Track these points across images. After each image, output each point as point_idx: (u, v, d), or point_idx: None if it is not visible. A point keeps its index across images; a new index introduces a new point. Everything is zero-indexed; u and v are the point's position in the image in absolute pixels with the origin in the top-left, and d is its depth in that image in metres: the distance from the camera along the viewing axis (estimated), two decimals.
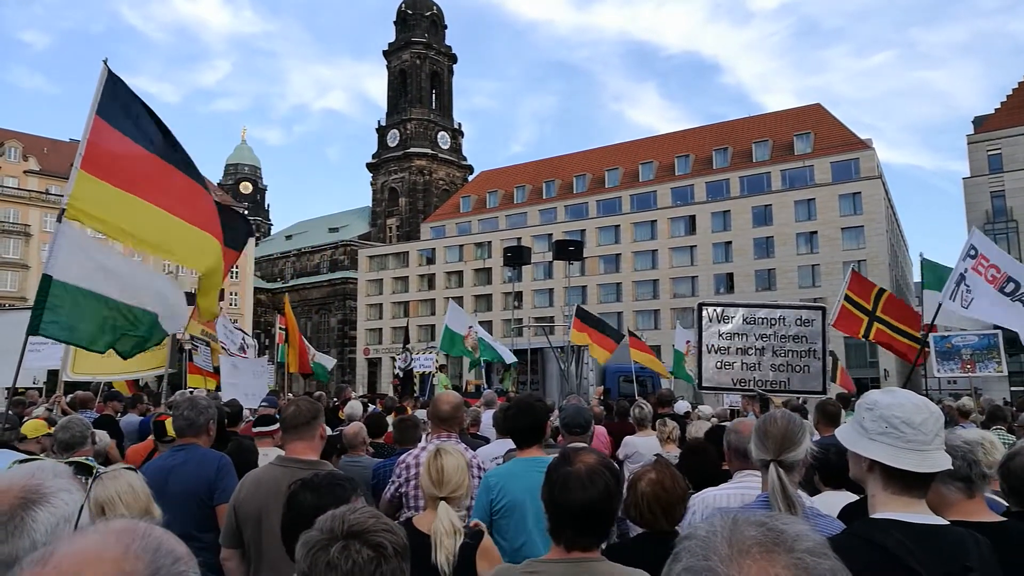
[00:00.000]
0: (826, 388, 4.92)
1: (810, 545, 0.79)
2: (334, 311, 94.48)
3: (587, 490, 2.07)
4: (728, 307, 5.00)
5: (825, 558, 0.78)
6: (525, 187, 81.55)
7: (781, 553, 0.77)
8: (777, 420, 2.63)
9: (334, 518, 1.45)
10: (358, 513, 1.47)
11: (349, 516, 1.45)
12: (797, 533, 0.80)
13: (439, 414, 4.21)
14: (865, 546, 1.81)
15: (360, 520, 1.44)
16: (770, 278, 61.88)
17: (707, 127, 78.84)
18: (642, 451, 6.62)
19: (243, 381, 10.23)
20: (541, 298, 72.23)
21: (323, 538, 1.42)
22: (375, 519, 1.47)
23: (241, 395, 8.86)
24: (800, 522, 0.85)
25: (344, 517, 1.45)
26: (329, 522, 1.45)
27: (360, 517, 1.45)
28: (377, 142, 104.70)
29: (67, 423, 4.39)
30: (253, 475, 3.60)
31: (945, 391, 39.60)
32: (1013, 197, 56.13)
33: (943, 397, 20.72)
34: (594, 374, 20.18)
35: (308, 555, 1.42)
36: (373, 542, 1.41)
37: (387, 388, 52.21)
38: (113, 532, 0.89)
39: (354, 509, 1.50)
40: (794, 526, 0.82)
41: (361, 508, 1.52)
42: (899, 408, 1.93)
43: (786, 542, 0.78)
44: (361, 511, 1.49)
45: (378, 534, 1.43)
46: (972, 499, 2.34)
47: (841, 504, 3.04)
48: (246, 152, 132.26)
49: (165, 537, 0.92)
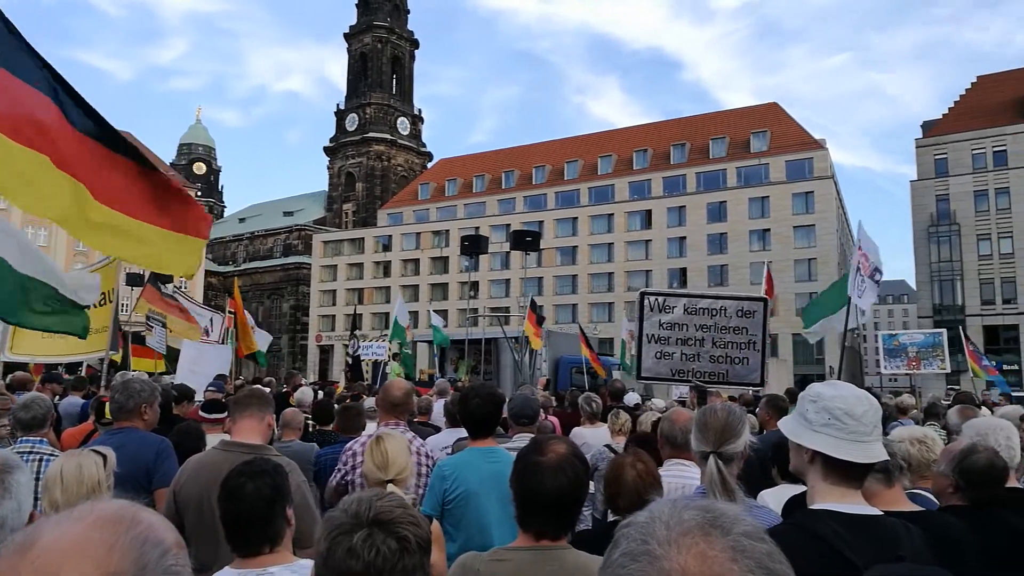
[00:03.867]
0: (764, 380, 4.96)
1: (747, 528, 0.79)
2: (287, 296, 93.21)
3: (557, 479, 2.07)
4: (670, 297, 4.98)
5: (761, 541, 0.79)
6: (484, 176, 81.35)
7: (718, 536, 0.77)
8: (717, 412, 2.66)
9: (360, 502, 1.40)
10: (385, 500, 1.42)
11: (376, 503, 1.40)
12: (735, 517, 0.81)
13: (390, 400, 4.17)
14: (803, 536, 1.84)
15: (388, 508, 1.40)
16: (723, 274, 62.88)
17: (666, 122, 79.60)
18: (591, 442, 6.66)
19: (202, 369, 10.03)
20: (498, 288, 72.28)
21: (347, 522, 1.37)
22: (403, 509, 1.42)
23: (197, 384, 8.65)
24: (738, 508, 0.85)
25: (372, 503, 1.40)
26: (355, 506, 1.40)
27: (388, 505, 1.41)
28: (335, 126, 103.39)
29: (28, 402, 4.24)
30: (195, 459, 3.52)
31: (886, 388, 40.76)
32: (957, 201, 57.93)
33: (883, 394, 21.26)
34: (547, 365, 20.28)
35: (329, 536, 1.37)
36: (399, 534, 1.37)
37: (339, 375, 51.70)
38: (99, 522, 0.82)
39: (381, 495, 1.45)
40: (732, 510, 0.83)
41: (388, 495, 1.46)
42: (842, 400, 1.96)
43: (724, 525, 0.79)
44: (389, 498, 1.44)
45: (404, 526, 1.38)
46: (891, 489, 2.42)
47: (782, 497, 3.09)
48: (200, 132, 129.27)
49: (154, 525, 0.86)
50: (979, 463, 2.77)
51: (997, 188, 56.94)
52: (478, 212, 78.14)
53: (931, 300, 58.61)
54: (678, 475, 3.38)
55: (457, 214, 79.59)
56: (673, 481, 3.32)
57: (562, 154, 78.89)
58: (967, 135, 58.35)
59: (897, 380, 21.76)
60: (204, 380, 9.13)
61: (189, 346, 10.94)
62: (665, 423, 3.59)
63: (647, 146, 73.11)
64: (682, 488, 3.24)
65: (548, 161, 78.52)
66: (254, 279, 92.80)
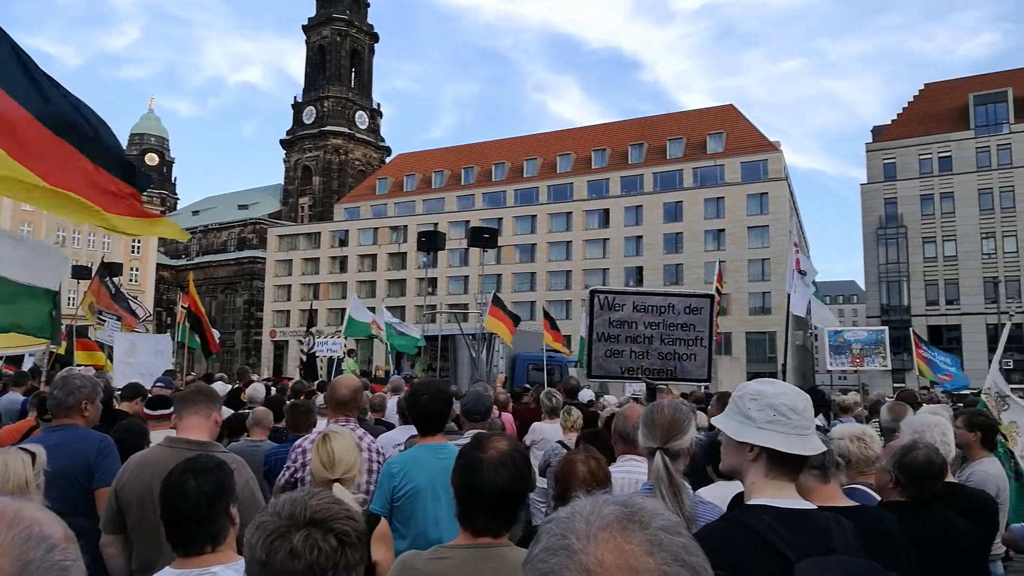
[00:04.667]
0: (711, 376, 5.05)
1: (665, 523, 0.80)
2: (240, 291, 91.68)
3: (498, 475, 2.06)
4: (619, 295, 5.01)
5: (678, 535, 0.79)
6: (443, 172, 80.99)
7: (636, 529, 0.78)
8: (664, 409, 2.69)
9: (294, 503, 1.38)
10: (318, 499, 1.40)
11: (310, 502, 1.38)
12: (654, 511, 0.82)
13: (338, 398, 4.13)
14: (740, 531, 1.87)
15: (323, 506, 1.38)
16: (678, 273, 63.63)
17: (624, 122, 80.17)
18: (548, 437, 6.74)
19: (140, 360, 9.77)
20: (456, 285, 72.07)
21: (283, 524, 1.34)
22: (337, 506, 1.41)
23: (137, 376, 8.45)
24: (658, 503, 0.87)
25: (306, 503, 1.37)
26: (289, 507, 1.37)
27: (322, 503, 1.39)
28: (292, 118, 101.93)
29: None
30: (137, 457, 3.45)
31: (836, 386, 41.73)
32: (904, 204, 59.57)
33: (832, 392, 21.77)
34: (504, 362, 20.28)
35: (266, 542, 1.33)
36: (338, 530, 1.35)
37: (294, 371, 51.06)
38: None
39: (313, 494, 1.42)
40: (651, 505, 0.84)
41: (321, 493, 1.45)
42: (784, 396, 2.00)
43: (642, 519, 0.80)
44: (321, 496, 1.42)
45: (342, 522, 1.37)
46: (828, 484, 2.48)
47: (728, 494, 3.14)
48: (153, 122, 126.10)
49: (38, 521, 0.83)
50: (918, 459, 2.86)
51: (942, 192, 58.70)
52: (437, 208, 77.77)
53: (879, 300, 60.19)
54: (630, 470, 3.40)
55: (415, 210, 79.10)
56: (625, 476, 3.34)
57: (521, 152, 78.93)
58: (914, 141, 60.04)
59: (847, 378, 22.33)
60: (142, 371, 8.93)
61: (121, 339, 10.66)
62: (619, 419, 3.62)
63: (606, 145, 73.57)
64: (634, 483, 3.26)
65: (507, 158, 78.50)
66: (207, 273, 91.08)
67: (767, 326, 57.37)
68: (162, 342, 11.63)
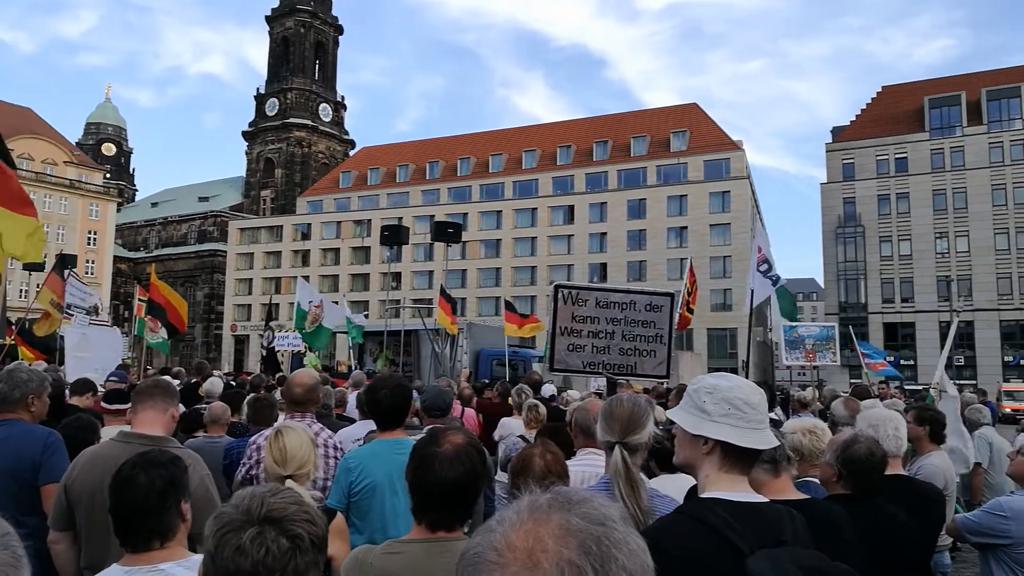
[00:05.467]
0: (669, 373, 5.13)
1: (590, 511, 0.81)
2: (201, 284, 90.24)
3: (453, 469, 2.05)
4: (583, 290, 5.07)
5: (600, 526, 0.79)
6: (408, 166, 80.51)
7: (556, 516, 0.80)
8: (623, 403, 2.70)
9: (253, 498, 1.34)
10: (279, 497, 1.36)
11: (269, 499, 1.34)
12: (582, 499, 0.82)
13: (292, 396, 4.09)
14: (693, 524, 1.89)
15: (281, 505, 1.33)
16: (641, 269, 64.18)
17: (589, 119, 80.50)
18: (516, 432, 6.79)
19: (94, 354, 9.55)
20: (421, 280, 71.78)
21: (238, 518, 1.30)
22: (297, 506, 1.36)
23: (90, 370, 8.26)
24: (597, 495, 0.87)
25: (264, 500, 1.33)
26: (247, 502, 1.33)
27: (281, 502, 1.34)
28: (255, 110, 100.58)
29: None
30: (89, 452, 3.36)
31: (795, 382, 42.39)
32: (862, 204, 60.84)
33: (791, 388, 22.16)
34: (468, 357, 20.27)
35: (217, 534, 1.30)
36: (292, 532, 1.31)
37: (255, 366, 50.40)
38: None
39: (276, 491, 1.38)
40: (586, 496, 0.84)
41: (284, 491, 1.40)
42: (739, 390, 2.01)
43: (568, 507, 0.81)
44: (283, 494, 1.38)
45: (298, 523, 1.32)
46: (779, 478, 2.51)
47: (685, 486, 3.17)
48: (110, 111, 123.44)
49: None
50: (859, 453, 2.93)
51: (898, 193, 60.05)
52: (401, 202, 77.34)
53: (838, 298, 61.40)
54: (589, 464, 3.40)
55: (379, 204, 78.56)
56: (585, 470, 3.34)
57: (487, 147, 78.82)
58: (872, 142, 61.33)
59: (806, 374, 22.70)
60: (95, 365, 8.73)
61: (71, 332, 10.42)
62: (579, 413, 3.62)
63: (571, 142, 73.82)
64: (592, 477, 3.26)
65: (473, 153, 78.33)
66: (167, 266, 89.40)
67: (728, 322, 58.15)
68: (114, 336, 11.39)
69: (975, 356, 55.98)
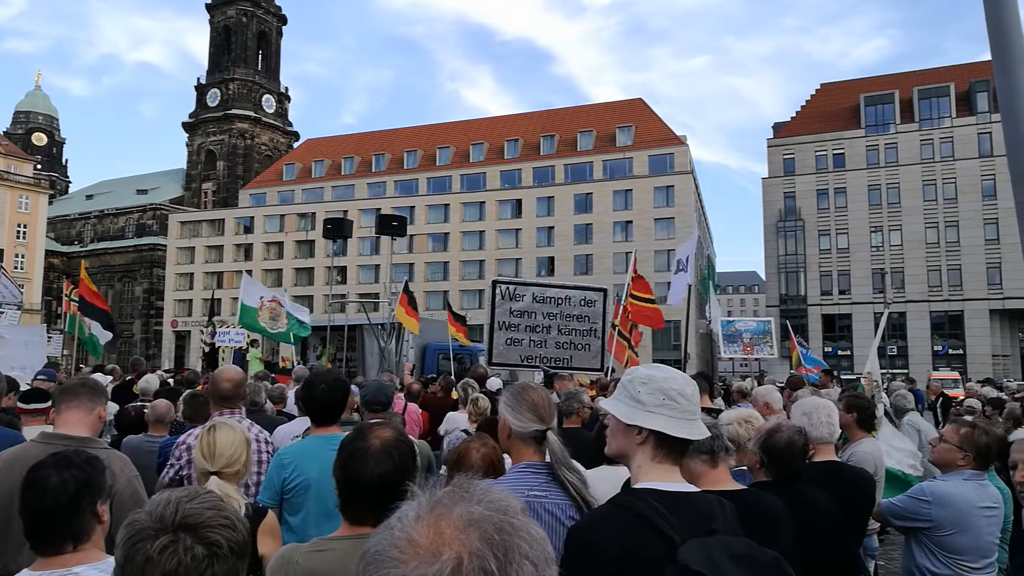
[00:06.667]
0: (603, 365, 5.18)
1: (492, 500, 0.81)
2: (139, 279, 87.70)
3: (380, 465, 2.02)
4: (520, 285, 5.11)
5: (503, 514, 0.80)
6: (354, 159, 79.52)
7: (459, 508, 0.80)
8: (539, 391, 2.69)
9: (167, 504, 1.25)
10: (196, 501, 1.27)
11: (186, 504, 1.25)
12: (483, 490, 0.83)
13: (220, 392, 3.98)
14: (626, 515, 1.89)
15: (197, 511, 1.25)
16: (588, 263, 64.72)
17: (536, 113, 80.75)
18: (461, 426, 6.78)
19: (11, 352, 9.17)
20: (367, 274, 71.07)
21: (149, 526, 1.22)
22: (215, 511, 1.28)
23: (8, 369, 7.93)
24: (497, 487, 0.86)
25: (180, 505, 1.24)
26: (161, 508, 1.24)
27: (198, 507, 1.26)
28: (196, 101, 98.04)
29: None
30: (7, 453, 3.22)
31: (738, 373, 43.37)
32: (801, 198, 62.44)
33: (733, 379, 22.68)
34: (414, 351, 20.12)
35: (127, 543, 1.21)
36: (208, 539, 1.23)
37: (196, 363, 49.25)
38: None
39: (193, 495, 1.29)
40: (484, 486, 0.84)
41: (202, 495, 1.31)
42: (674, 381, 2.02)
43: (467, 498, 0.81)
44: (201, 499, 1.29)
45: (215, 530, 1.25)
46: (716, 468, 2.55)
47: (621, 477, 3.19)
48: (40, 99, 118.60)
49: None
50: (780, 441, 3.00)
51: (836, 188, 61.82)
52: (346, 195, 76.37)
53: (778, 290, 62.94)
54: None
55: (324, 197, 77.45)
56: None
57: (434, 139, 78.36)
58: (811, 138, 62.96)
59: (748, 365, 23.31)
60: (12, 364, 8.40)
61: None
62: None
63: (518, 136, 73.91)
64: None
65: (420, 146, 77.78)
66: (103, 260, 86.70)
67: (672, 315, 58.86)
68: (34, 333, 10.94)
69: (907, 346, 58.05)
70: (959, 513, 3.43)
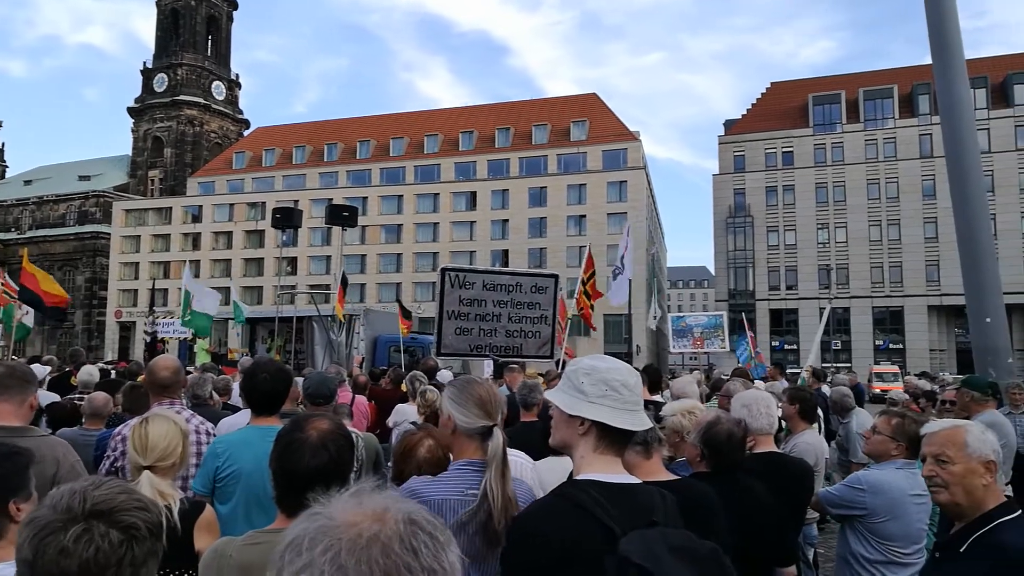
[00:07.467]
0: (553, 354, 5.18)
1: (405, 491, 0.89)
2: (82, 268, 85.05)
3: (317, 457, 1.98)
4: (469, 273, 5.04)
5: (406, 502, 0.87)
6: (305, 148, 78.32)
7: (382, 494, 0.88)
8: (485, 385, 2.68)
9: (73, 494, 1.19)
10: (104, 488, 1.22)
11: (92, 492, 1.20)
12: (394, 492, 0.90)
13: (158, 380, 3.87)
14: (566, 506, 1.89)
15: (107, 496, 1.20)
16: (542, 256, 64.95)
17: (492, 105, 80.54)
18: (410, 419, 6.74)
19: None
20: (318, 265, 70.17)
21: (56, 519, 1.16)
22: (126, 495, 1.23)
23: None
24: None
25: (86, 493, 1.19)
26: (66, 499, 1.18)
27: (106, 493, 1.21)
28: (142, 85, 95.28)
29: None
30: None
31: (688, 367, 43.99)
32: (751, 195, 63.63)
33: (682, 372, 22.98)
34: (365, 344, 19.96)
35: (33, 539, 1.15)
36: (124, 522, 1.19)
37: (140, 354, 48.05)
38: None
39: (99, 483, 1.24)
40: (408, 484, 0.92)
41: (108, 482, 1.26)
42: (617, 372, 2.02)
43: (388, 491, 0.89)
44: (108, 485, 1.24)
45: (129, 512, 1.20)
46: (650, 459, 2.57)
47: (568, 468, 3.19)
48: None
49: None
50: (720, 434, 3.05)
51: (784, 185, 63.14)
52: (297, 184, 75.20)
53: (727, 285, 64.08)
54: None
55: (275, 186, 76.15)
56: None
57: (388, 130, 77.60)
58: (761, 135, 64.16)
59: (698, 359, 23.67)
60: None
61: None
62: None
63: (473, 128, 73.67)
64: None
65: (373, 136, 76.96)
66: (42, 248, 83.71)
67: (623, 308, 59.60)
68: None
69: (850, 340, 59.68)
70: (892, 501, 3.53)
